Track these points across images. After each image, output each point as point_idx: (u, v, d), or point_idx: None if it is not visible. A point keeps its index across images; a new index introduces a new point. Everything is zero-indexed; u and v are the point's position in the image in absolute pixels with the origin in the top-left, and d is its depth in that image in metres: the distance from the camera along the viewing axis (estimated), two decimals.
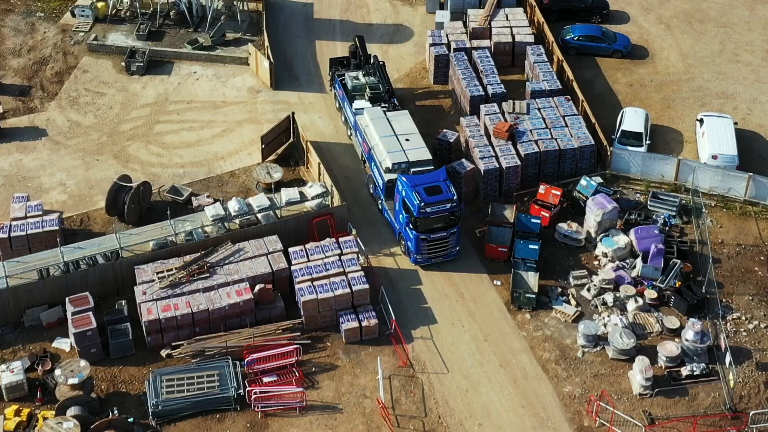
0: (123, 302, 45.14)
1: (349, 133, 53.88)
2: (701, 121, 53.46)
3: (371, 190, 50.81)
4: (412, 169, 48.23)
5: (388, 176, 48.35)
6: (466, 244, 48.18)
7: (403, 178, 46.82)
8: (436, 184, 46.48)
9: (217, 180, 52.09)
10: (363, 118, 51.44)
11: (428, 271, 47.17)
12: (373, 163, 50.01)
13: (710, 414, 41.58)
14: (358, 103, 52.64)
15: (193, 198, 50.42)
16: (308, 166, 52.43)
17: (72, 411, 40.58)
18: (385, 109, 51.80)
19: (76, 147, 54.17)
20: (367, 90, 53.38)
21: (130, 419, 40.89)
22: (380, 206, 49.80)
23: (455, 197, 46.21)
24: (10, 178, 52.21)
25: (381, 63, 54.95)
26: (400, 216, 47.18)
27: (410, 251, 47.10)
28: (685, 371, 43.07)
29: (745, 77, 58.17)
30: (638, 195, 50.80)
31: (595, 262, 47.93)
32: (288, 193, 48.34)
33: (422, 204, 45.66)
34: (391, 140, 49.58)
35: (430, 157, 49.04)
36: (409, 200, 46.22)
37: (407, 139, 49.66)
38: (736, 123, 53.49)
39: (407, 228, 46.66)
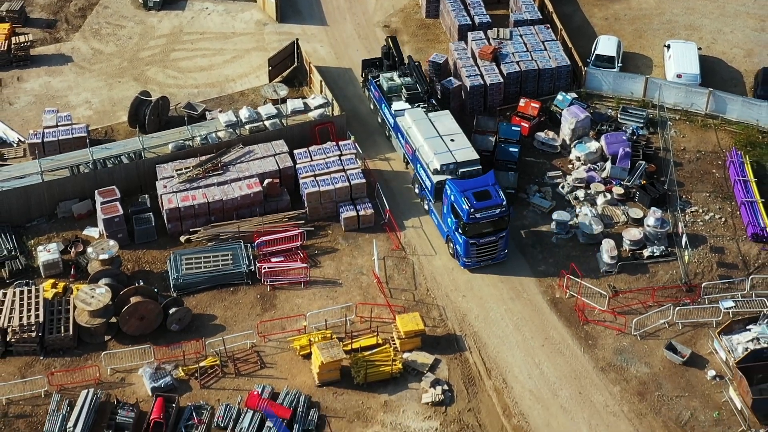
0: (146, 196, 50.43)
1: (387, 134, 54.32)
2: (668, 46, 58.79)
3: (416, 190, 50.99)
4: (460, 170, 48.39)
5: (436, 178, 48.23)
6: None
7: (451, 182, 46.90)
8: (484, 188, 46.51)
9: (228, 98, 57.34)
10: (404, 120, 51.34)
11: None
12: (418, 165, 49.78)
13: (668, 286, 46.90)
14: (397, 105, 52.65)
15: (206, 113, 55.56)
16: (311, 86, 57.70)
17: (103, 281, 45.88)
18: (424, 109, 52.07)
19: (99, 71, 59.47)
20: (404, 91, 53.59)
21: (155, 289, 46.19)
22: (427, 207, 50.11)
23: (504, 202, 46.25)
24: (41, 97, 57.49)
25: (416, 63, 55.47)
26: (449, 220, 47.36)
27: (459, 255, 47.28)
28: (646, 252, 48.38)
29: (711, 11, 63.45)
30: (610, 110, 56.03)
31: (569, 166, 53.22)
32: (293, 103, 53.68)
33: (472, 209, 45.74)
34: (437, 141, 49.31)
35: (477, 157, 48.89)
36: (458, 205, 46.22)
37: (452, 140, 49.51)
38: (699, 48, 58.75)
39: (456, 232, 46.96)
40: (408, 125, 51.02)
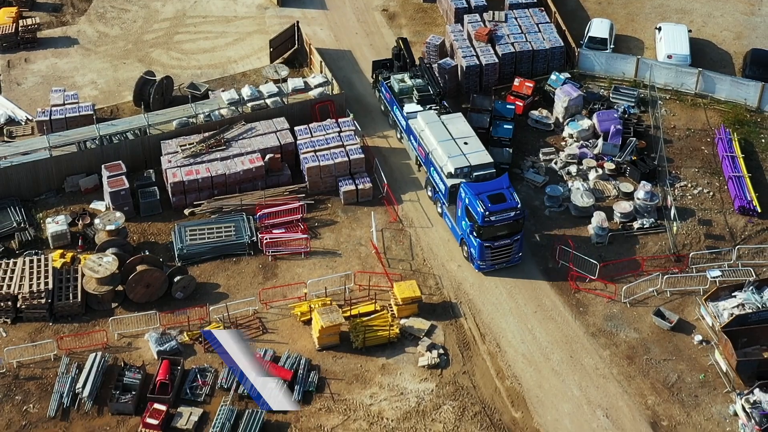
0: (151, 171, 51.93)
1: (399, 136, 54.40)
2: (659, 28, 60.38)
3: (429, 193, 51.12)
4: (474, 173, 48.49)
5: (450, 181, 48.20)
6: None
7: (466, 186, 46.84)
8: (499, 191, 46.47)
9: (231, 79, 58.84)
10: (417, 123, 51.33)
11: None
12: (432, 168, 49.77)
13: (657, 256, 48.43)
14: (409, 107, 52.74)
15: (209, 93, 57.01)
16: (311, 67, 59.21)
17: (110, 251, 47.35)
18: (437, 111, 52.15)
19: (104, 53, 61.01)
20: (415, 92, 53.88)
21: (160, 259, 47.67)
22: (440, 211, 50.05)
23: (519, 205, 46.31)
24: (48, 77, 59.03)
25: (428, 65, 55.91)
26: (463, 223, 47.26)
27: (473, 258, 47.28)
28: (636, 225, 49.90)
29: None
30: (602, 90, 57.54)
31: (562, 143, 54.75)
32: (294, 82, 55.22)
33: (487, 213, 45.68)
34: (450, 144, 49.35)
35: (491, 160, 49.01)
36: (473, 208, 46.17)
37: (465, 143, 49.54)
38: (690, 30, 60.31)
39: (470, 235, 46.99)
40: (421, 128, 51.07)
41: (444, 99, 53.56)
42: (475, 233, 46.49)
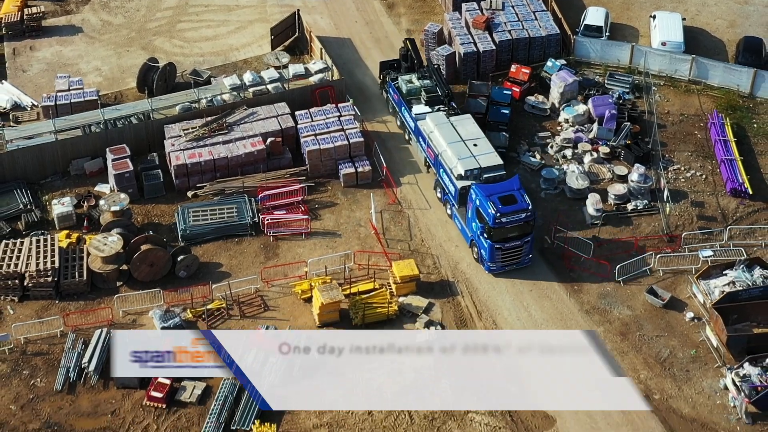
0: (155, 154, 52.95)
1: (407, 138, 54.62)
2: (654, 17, 61.43)
3: (438, 195, 51.37)
4: (485, 175, 48.56)
5: (460, 183, 48.29)
6: None
7: (477, 187, 46.98)
8: (510, 193, 46.64)
9: (232, 66, 59.84)
10: (426, 124, 51.45)
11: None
12: (441, 170, 49.87)
13: (650, 236, 49.47)
14: (417, 108, 52.75)
15: (212, 79, 58.01)
16: (311, 54, 60.24)
17: (115, 231, 48.36)
18: (445, 112, 52.21)
19: (108, 41, 62.05)
20: (423, 93, 53.96)
21: (164, 239, 48.68)
22: (450, 212, 50.28)
23: (530, 206, 46.45)
24: (53, 64, 60.06)
25: (436, 66, 56.17)
26: (473, 224, 47.42)
27: (483, 259, 47.48)
28: (630, 206, 50.94)
29: None
30: (597, 77, 58.57)
31: (558, 128, 55.78)
32: (295, 68, 56.26)
33: (498, 214, 45.89)
34: (460, 146, 49.43)
35: (501, 162, 49.12)
36: (483, 210, 46.26)
37: (475, 144, 49.64)
38: (684, 19, 61.36)
39: (481, 237, 47.18)
40: (430, 129, 51.18)
41: (452, 100, 53.75)
42: (485, 235, 46.60)
